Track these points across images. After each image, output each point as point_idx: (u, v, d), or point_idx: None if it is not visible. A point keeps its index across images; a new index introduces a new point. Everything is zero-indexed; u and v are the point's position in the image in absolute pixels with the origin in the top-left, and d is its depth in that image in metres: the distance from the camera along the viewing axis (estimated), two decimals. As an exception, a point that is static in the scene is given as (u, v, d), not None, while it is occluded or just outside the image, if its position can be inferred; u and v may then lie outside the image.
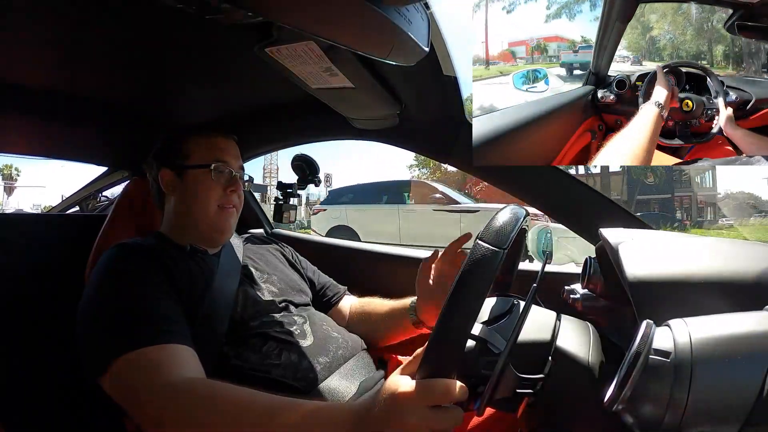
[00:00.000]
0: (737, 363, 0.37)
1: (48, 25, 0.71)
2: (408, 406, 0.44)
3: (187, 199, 0.86)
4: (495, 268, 0.43)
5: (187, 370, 0.63)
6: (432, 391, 0.44)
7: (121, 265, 0.74)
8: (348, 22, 0.51)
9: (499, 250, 0.43)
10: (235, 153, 0.91)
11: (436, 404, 0.44)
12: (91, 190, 1.89)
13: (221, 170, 0.86)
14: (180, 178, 0.87)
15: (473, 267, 0.43)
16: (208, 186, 0.85)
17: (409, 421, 0.43)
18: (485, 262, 0.43)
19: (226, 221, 0.87)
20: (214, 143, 0.88)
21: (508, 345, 0.45)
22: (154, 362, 0.62)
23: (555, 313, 0.57)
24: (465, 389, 0.44)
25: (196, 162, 0.86)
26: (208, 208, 0.85)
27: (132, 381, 0.61)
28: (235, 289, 0.82)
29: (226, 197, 0.86)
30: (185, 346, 0.66)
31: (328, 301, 1.02)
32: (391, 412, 0.45)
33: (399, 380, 0.46)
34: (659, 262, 0.52)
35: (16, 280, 0.95)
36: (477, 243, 0.44)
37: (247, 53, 0.64)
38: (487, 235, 0.45)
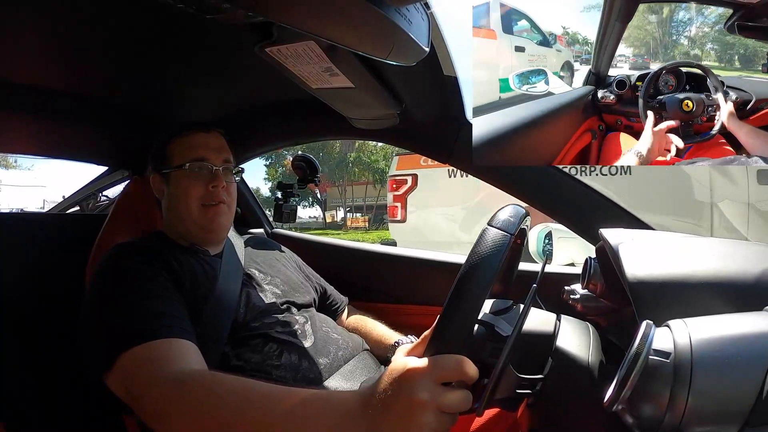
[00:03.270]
0: (737, 363, 0.37)
1: (48, 24, 0.71)
2: (419, 381, 0.42)
3: (173, 202, 0.86)
4: (504, 250, 0.44)
5: (190, 362, 0.63)
6: (443, 366, 0.42)
7: (124, 263, 0.74)
8: (348, 22, 0.51)
9: (508, 234, 0.45)
10: (217, 146, 0.88)
11: (447, 380, 0.42)
12: (91, 190, 1.89)
13: (199, 168, 0.84)
14: (166, 181, 0.87)
15: (483, 248, 0.44)
16: (188, 186, 0.84)
17: (419, 397, 0.41)
18: (494, 244, 0.44)
19: (213, 219, 0.85)
20: (191, 141, 0.87)
21: (515, 330, 0.45)
22: (159, 355, 0.62)
23: (555, 314, 0.57)
24: (475, 368, 0.43)
25: (176, 163, 0.85)
26: (190, 207, 0.84)
27: (137, 375, 0.61)
28: (237, 290, 0.81)
29: (210, 194, 0.84)
30: (188, 341, 0.66)
31: (328, 310, 1.02)
32: (399, 389, 0.43)
33: (406, 359, 0.44)
34: (659, 263, 0.52)
35: (16, 280, 0.95)
36: (486, 228, 0.46)
37: (247, 53, 0.64)
38: (495, 221, 0.47)
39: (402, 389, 0.42)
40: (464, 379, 0.43)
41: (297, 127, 1.17)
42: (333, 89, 0.76)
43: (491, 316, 0.53)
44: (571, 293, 0.72)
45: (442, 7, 0.63)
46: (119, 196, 1.07)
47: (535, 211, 0.85)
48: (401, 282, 1.15)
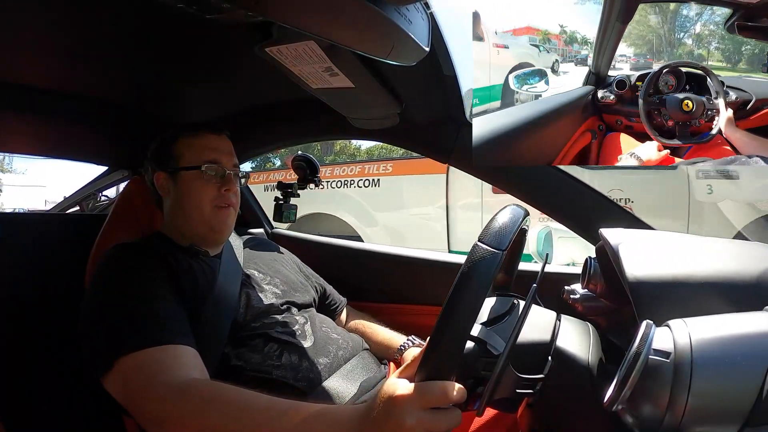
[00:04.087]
0: (737, 363, 0.37)
1: (48, 24, 0.71)
2: (405, 408, 0.44)
3: (182, 201, 0.86)
4: (494, 270, 0.43)
5: (190, 370, 0.63)
6: (429, 393, 0.44)
7: (125, 264, 0.74)
8: (348, 22, 0.51)
9: (498, 252, 0.43)
10: (228, 150, 0.89)
11: (433, 406, 0.44)
12: (91, 190, 1.89)
13: (213, 171, 0.85)
14: (174, 180, 0.87)
15: (472, 269, 0.43)
16: (202, 187, 0.84)
17: (406, 423, 0.43)
18: (484, 264, 0.43)
19: (224, 221, 0.86)
20: (205, 143, 0.87)
21: (507, 347, 0.45)
22: (158, 362, 0.62)
23: (555, 313, 0.57)
24: (463, 391, 0.44)
25: (188, 163, 0.85)
26: (203, 209, 0.84)
27: (135, 381, 0.61)
28: (237, 291, 0.81)
29: (221, 197, 0.85)
30: (188, 347, 0.66)
31: (327, 310, 1.03)
32: (389, 414, 0.45)
33: (397, 383, 0.46)
34: (659, 262, 0.52)
35: (16, 280, 0.95)
36: (476, 245, 0.44)
37: (247, 53, 0.64)
38: (485, 237, 0.45)
39: (391, 414, 0.45)
40: (451, 404, 0.44)
41: (297, 127, 1.16)
42: (333, 89, 0.76)
43: (485, 331, 0.51)
44: (571, 293, 0.72)
45: (442, 7, 0.63)
46: (119, 196, 1.07)
47: (535, 211, 0.85)
48: (401, 282, 1.15)
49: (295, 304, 0.88)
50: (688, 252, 0.56)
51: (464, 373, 0.47)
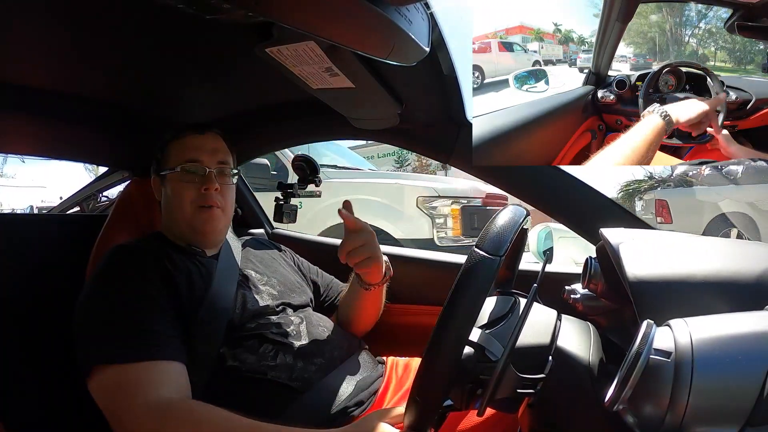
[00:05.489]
0: (738, 363, 0.37)
1: (48, 24, 0.71)
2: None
3: (168, 203, 0.87)
4: (491, 276, 0.42)
5: (169, 389, 0.63)
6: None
7: (119, 269, 0.75)
8: (348, 22, 0.51)
9: (495, 258, 0.42)
10: (210, 148, 0.87)
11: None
12: (91, 191, 1.89)
13: (191, 170, 0.84)
14: (162, 183, 0.88)
15: (467, 276, 0.42)
16: (182, 188, 0.84)
17: None
18: (480, 270, 0.42)
19: (207, 222, 0.84)
20: (186, 143, 0.87)
21: (505, 353, 0.45)
22: (136, 380, 0.62)
23: (555, 313, 0.57)
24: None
25: (170, 166, 0.86)
26: (183, 209, 0.84)
27: (112, 396, 0.62)
28: (233, 292, 0.81)
29: (202, 196, 0.83)
30: (173, 362, 0.66)
31: (331, 303, 1.03)
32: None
33: (379, 420, 0.48)
34: (660, 262, 0.52)
35: (16, 280, 0.95)
36: (472, 250, 0.44)
37: (247, 53, 0.64)
38: (482, 242, 0.44)
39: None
40: None
41: (297, 128, 1.16)
42: (333, 89, 0.76)
43: (485, 335, 0.51)
44: (572, 293, 0.72)
45: (442, 7, 0.63)
46: (119, 197, 1.07)
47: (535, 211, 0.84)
48: (401, 282, 1.15)
49: (291, 305, 0.88)
50: (689, 252, 0.56)
51: (463, 377, 0.46)
